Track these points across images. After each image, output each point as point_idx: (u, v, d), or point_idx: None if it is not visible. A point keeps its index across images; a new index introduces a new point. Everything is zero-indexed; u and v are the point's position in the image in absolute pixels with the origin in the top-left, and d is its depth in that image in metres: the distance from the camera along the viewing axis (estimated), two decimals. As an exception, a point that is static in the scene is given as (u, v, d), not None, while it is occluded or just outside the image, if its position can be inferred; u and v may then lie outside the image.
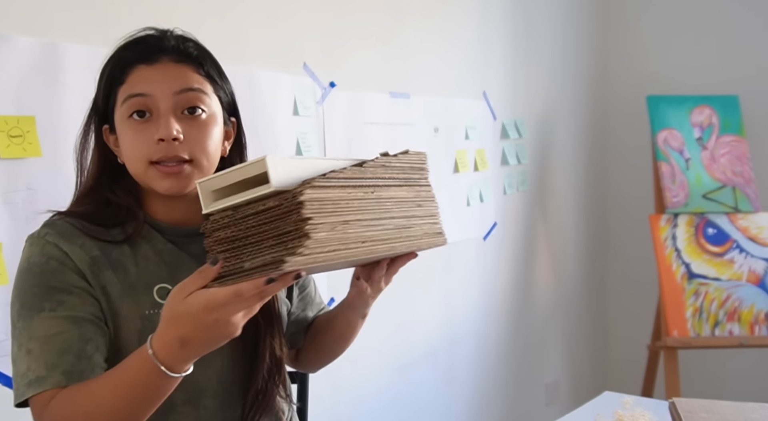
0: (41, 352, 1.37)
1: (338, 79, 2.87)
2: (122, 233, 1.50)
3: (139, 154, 1.47)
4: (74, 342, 1.38)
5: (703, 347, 4.04)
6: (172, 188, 1.48)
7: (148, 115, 1.47)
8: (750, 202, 4.23)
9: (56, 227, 1.46)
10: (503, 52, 3.99)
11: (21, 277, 1.44)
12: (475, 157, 3.70)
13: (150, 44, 1.50)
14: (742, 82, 4.61)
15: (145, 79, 1.47)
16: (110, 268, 1.46)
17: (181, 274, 1.47)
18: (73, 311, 1.40)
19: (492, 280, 3.99)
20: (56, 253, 1.43)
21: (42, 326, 1.38)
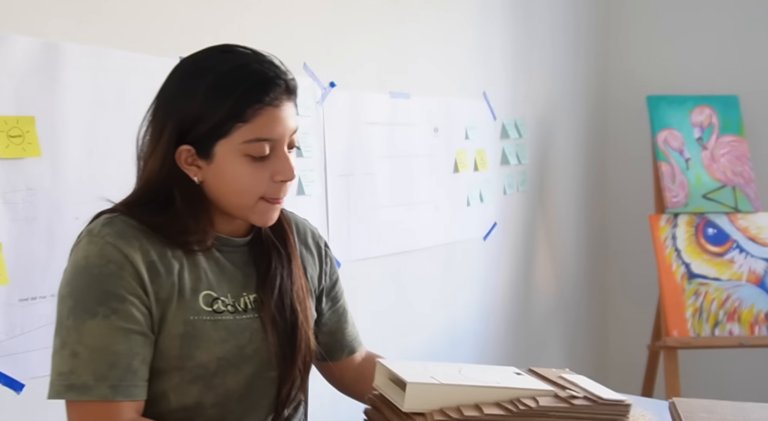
0: (90, 360, 1.39)
1: (338, 79, 2.87)
2: (186, 237, 1.52)
3: (252, 191, 1.50)
4: (124, 356, 1.41)
5: (703, 347, 4.04)
6: (269, 221, 1.56)
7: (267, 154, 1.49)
8: (750, 202, 4.23)
9: (115, 226, 1.46)
10: (503, 52, 3.99)
11: (76, 274, 1.44)
12: (475, 157, 3.70)
13: (275, 84, 1.48)
14: (742, 82, 4.61)
15: (272, 123, 1.47)
16: (164, 272, 1.47)
17: (224, 282, 1.55)
18: (125, 322, 1.41)
19: (492, 280, 3.99)
20: (116, 256, 1.43)
21: (93, 332, 1.40)
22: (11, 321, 1.86)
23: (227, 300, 1.54)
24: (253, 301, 1.58)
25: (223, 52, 1.52)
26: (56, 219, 1.94)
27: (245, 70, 1.48)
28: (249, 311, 1.56)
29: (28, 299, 1.89)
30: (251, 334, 1.55)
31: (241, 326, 1.54)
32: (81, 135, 1.99)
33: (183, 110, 1.48)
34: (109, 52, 2.07)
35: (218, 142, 1.47)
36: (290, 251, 1.65)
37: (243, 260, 1.60)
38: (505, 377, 1.61)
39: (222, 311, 1.52)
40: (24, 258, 1.88)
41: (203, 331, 1.49)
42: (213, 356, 1.49)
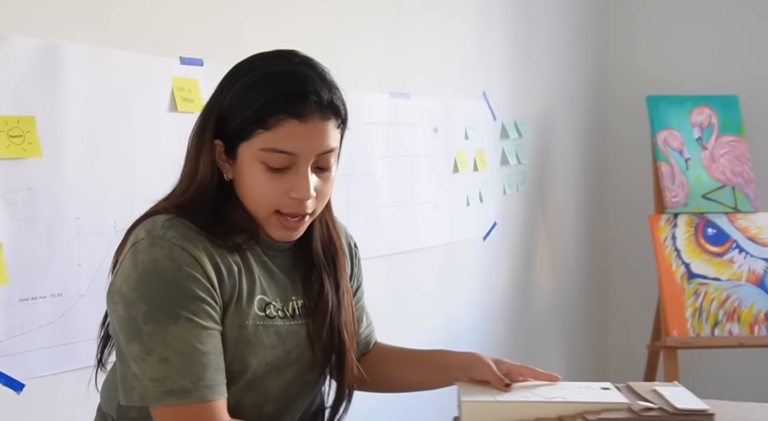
0: (182, 364, 1.38)
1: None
2: (237, 238, 1.50)
3: (267, 202, 1.48)
4: (212, 356, 1.41)
5: (702, 347, 4.04)
6: (287, 238, 1.53)
7: (285, 167, 1.45)
8: (750, 202, 4.23)
9: (178, 228, 1.44)
10: (503, 52, 3.99)
11: (146, 278, 1.40)
12: (475, 157, 3.70)
13: (306, 97, 1.44)
14: (742, 83, 4.61)
15: (294, 137, 1.43)
16: (227, 275, 1.46)
17: (273, 286, 1.55)
18: (207, 322, 1.41)
19: (492, 280, 3.99)
20: (186, 258, 1.41)
21: (179, 336, 1.39)
22: (11, 321, 1.86)
23: (277, 305, 1.54)
24: (301, 307, 1.58)
25: (277, 57, 1.52)
26: (56, 219, 1.94)
27: (282, 77, 1.46)
28: (297, 318, 1.57)
29: (28, 299, 1.89)
30: (298, 340, 1.56)
31: (291, 332, 1.55)
32: (81, 135, 1.99)
33: (221, 104, 1.48)
34: (110, 53, 2.07)
35: (241, 144, 1.46)
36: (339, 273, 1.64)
37: (287, 264, 1.59)
38: (584, 392, 1.62)
39: (274, 316, 1.53)
40: (24, 258, 1.88)
41: (256, 336, 1.49)
42: (263, 360, 1.50)
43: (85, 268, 1.99)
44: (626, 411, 1.53)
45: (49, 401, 1.94)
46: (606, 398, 1.58)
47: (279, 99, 1.43)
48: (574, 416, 1.52)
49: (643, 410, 1.53)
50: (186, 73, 2.26)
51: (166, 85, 2.21)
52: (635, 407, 1.54)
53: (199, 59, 2.30)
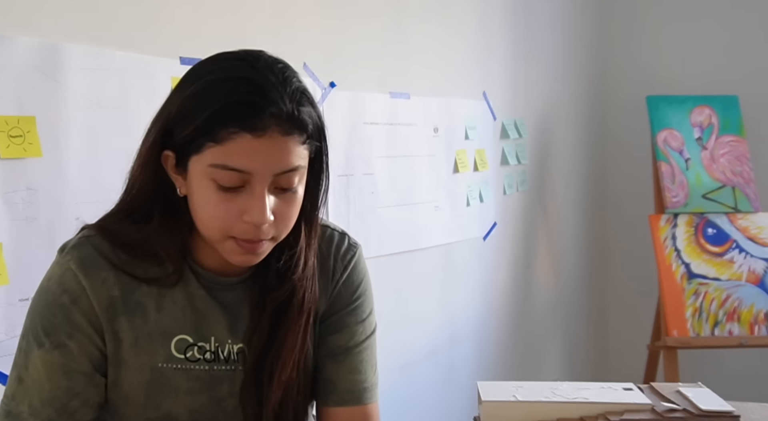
0: (28, 391, 1.33)
1: (338, 79, 2.87)
2: (160, 271, 1.36)
3: (218, 225, 1.30)
4: (60, 396, 1.32)
5: (702, 347, 4.04)
6: (245, 263, 1.34)
7: (238, 187, 1.28)
8: (750, 203, 4.23)
9: (84, 250, 1.34)
10: (503, 52, 3.99)
11: (38, 294, 1.37)
12: (475, 157, 3.70)
13: (260, 108, 1.25)
14: (742, 83, 4.61)
15: (247, 154, 1.25)
16: (127, 312, 1.34)
17: (206, 324, 1.39)
18: (67, 360, 1.32)
19: (492, 280, 3.99)
20: (73, 286, 1.32)
21: (37, 363, 1.33)
22: (11, 321, 1.86)
23: (208, 346, 1.38)
24: (237, 351, 1.40)
25: (238, 59, 1.33)
26: (57, 219, 1.93)
27: (237, 83, 1.27)
28: (231, 362, 1.40)
29: (28, 299, 1.86)
30: (230, 387, 1.40)
31: (218, 378, 1.39)
32: (82, 135, 1.99)
33: (169, 112, 1.31)
34: (110, 52, 2.07)
35: (191, 158, 1.29)
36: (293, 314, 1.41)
37: (236, 300, 1.41)
38: (606, 392, 1.62)
39: (197, 359, 1.37)
40: (24, 258, 1.87)
41: (172, 380, 1.37)
42: (184, 408, 1.37)
43: (86, 268, 1.99)
44: (649, 412, 1.53)
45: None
46: (628, 398, 1.58)
47: (231, 109, 1.24)
48: (596, 417, 1.52)
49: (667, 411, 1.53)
50: (186, 73, 2.26)
51: (166, 85, 2.20)
52: (659, 408, 1.54)
53: (199, 59, 2.29)
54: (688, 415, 1.51)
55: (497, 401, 1.55)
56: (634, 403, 1.55)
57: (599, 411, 1.53)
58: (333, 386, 1.48)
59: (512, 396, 1.56)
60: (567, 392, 1.60)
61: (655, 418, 1.51)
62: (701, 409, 1.53)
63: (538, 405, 1.54)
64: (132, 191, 1.38)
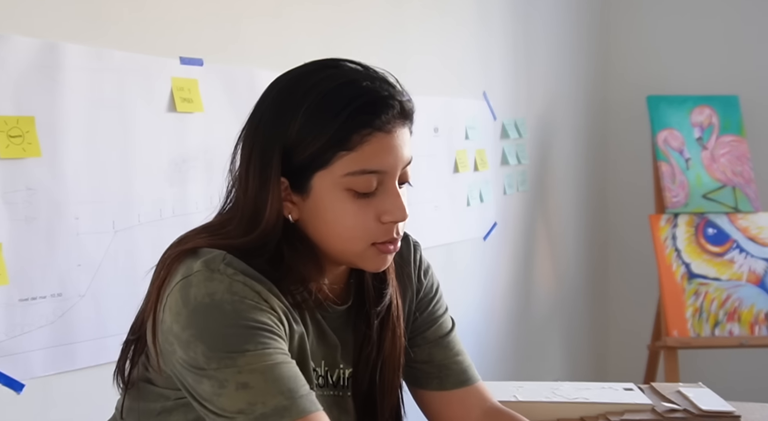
0: (267, 383, 1.19)
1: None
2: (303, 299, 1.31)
3: (360, 234, 1.27)
4: (293, 368, 1.23)
5: (703, 347, 4.04)
6: (381, 267, 1.33)
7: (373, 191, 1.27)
8: (750, 202, 4.23)
9: (239, 265, 1.25)
10: (503, 52, 3.99)
11: (200, 315, 1.21)
12: (475, 157, 3.70)
13: (388, 106, 1.27)
14: (742, 82, 4.61)
15: (383, 153, 1.25)
16: (292, 325, 1.29)
17: (321, 349, 1.35)
18: (281, 350, 1.23)
19: (492, 280, 3.99)
20: (248, 292, 1.22)
21: (252, 362, 1.19)
22: (11, 321, 1.85)
23: (320, 371, 1.36)
24: (348, 377, 1.39)
25: (328, 67, 1.33)
26: (56, 219, 1.93)
27: (353, 88, 1.27)
28: (340, 388, 1.38)
29: (28, 299, 1.88)
30: (340, 414, 1.37)
31: (331, 404, 1.36)
32: (81, 135, 1.99)
33: (285, 134, 1.26)
34: (109, 52, 2.06)
35: (316, 174, 1.26)
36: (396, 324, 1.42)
37: (342, 325, 1.39)
38: (606, 392, 1.62)
39: (311, 382, 1.32)
40: (24, 258, 1.87)
41: None
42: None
43: (85, 268, 1.99)
44: (650, 412, 1.53)
45: (49, 401, 1.94)
46: (629, 398, 1.58)
47: (360, 112, 1.24)
48: (597, 417, 1.52)
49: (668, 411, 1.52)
50: (186, 73, 2.25)
51: (166, 85, 2.20)
52: (659, 408, 1.54)
53: (199, 59, 2.29)
54: (688, 415, 1.51)
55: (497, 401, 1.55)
56: (634, 403, 1.55)
57: (599, 411, 1.53)
58: (446, 371, 1.53)
59: (512, 396, 1.56)
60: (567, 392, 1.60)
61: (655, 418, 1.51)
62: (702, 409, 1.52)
63: (538, 405, 1.54)
64: (260, 222, 1.29)
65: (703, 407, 1.53)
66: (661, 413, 1.52)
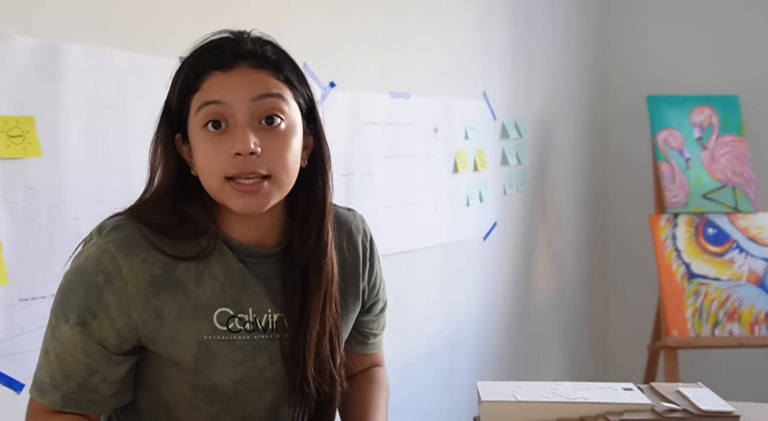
0: (52, 361, 1.39)
1: (338, 79, 2.87)
2: (195, 247, 1.42)
3: (215, 169, 1.37)
4: (79, 370, 1.38)
5: (703, 347, 4.04)
6: (249, 207, 1.39)
7: (224, 125, 1.37)
8: (750, 202, 4.23)
9: (123, 232, 1.39)
10: (503, 51, 3.99)
11: (72, 272, 1.40)
12: (475, 157, 3.70)
13: (226, 49, 1.40)
14: (742, 82, 4.62)
15: (220, 86, 1.37)
16: (169, 289, 1.39)
17: (245, 296, 1.44)
18: (88, 338, 1.37)
19: (492, 280, 3.99)
20: (109, 267, 1.36)
21: (61, 337, 1.38)
22: (11, 321, 1.86)
23: (247, 317, 1.43)
24: (276, 321, 1.46)
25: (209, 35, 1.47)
26: (56, 219, 1.93)
27: (207, 44, 1.43)
28: (269, 331, 1.45)
29: (28, 299, 1.89)
30: (270, 356, 1.46)
31: (259, 347, 1.45)
32: (81, 135, 1.99)
33: (168, 100, 1.46)
34: (110, 52, 2.07)
35: (189, 122, 1.42)
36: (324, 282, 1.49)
37: (270, 272, 1.48)
38: (606, 392, 1.62)
39: (238, 330, 1.43)
40: (24, 258, 1.88)
41: (218, 352, 1.41)
42: (229, 379, 1.43)
43: (85, 268, 1.99)
44: (649, 412, 1.53)
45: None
46: (628, 398, 1.58)
47: (201, 59, 1.40)
48: (596, 417, 1.51)
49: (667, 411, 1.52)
50: (186, 73, 2.25)
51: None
52: (658, 408, 1.54)
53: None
54: (688, 415, 1.51)
55: (497, 401, 1.55)
56: (634, 403, 1.55)
57: (599, 411, 1.53)
58: (366, 339, 1.74)
59: (512, 396, 1.56)
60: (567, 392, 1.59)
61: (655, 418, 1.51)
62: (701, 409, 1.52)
63: (538, 405, 1.54)
64: (154, 181, 1.46)
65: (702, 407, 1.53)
66: (660, 413, 1.52)
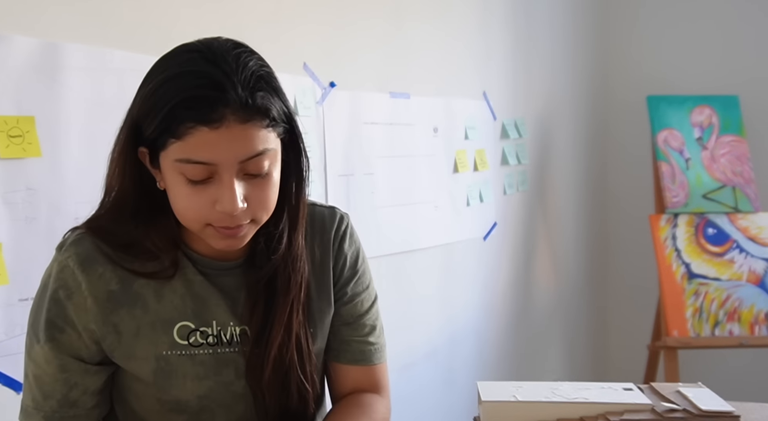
0: (32, 383, 1.40)
1: (338, 79, 2.87)
2: (156, 265, 1.38)
3: (194, 217, 1.31)
4: (58, 387, 1.38)
5: (703, 347, 4.04)
6: (229, 247, 1.34)
7: (207, 178, 1.28)
8: (750, 202, 4.23)
9: (81, 246, 1.37)
10: (503, 52, 3.99)
11: (37, 292, 1.41)
12: (475, 157, 3.70)
13: (212, 102, 1.23)
14: (742, 82, 4.62)
15: (206, 146, 1.24)
16: (127, 304, 1.37)
17: (207, 309, 1.40)
18: (62, 353, 1.37)
19: (492, 280, 3.99)
20: (69, 282, 1.35)
21: (36, 358, 1.39)
22: (11, 321, 1.86)
23: (210, 330, 1.40)
24: (240, 333, 1.42)
25: (185, 52, 1.32)
26: (56, 219, 1.93)
27: (189, 79, 1.26)
28: (234, 344, 1.41)
29: (28, 298, 1.88)
30: (236, 370, 1.42)
31: (223, 361, 1.41)
32: (81, 135, 1.99)
33: (134, 110, 1.32)
34: (109, 52, 2.07)
35: (160, 153, 1.29)
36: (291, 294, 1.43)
37: (235, 283, 1.43)
38: (606, 392, 1.62)
39: (200, 344, 1.39)
40: (24, 258, 1.88)
41: (178, 367, 1.39)
42: (192, 394, 1.40)
43: (85, 268, 1.99)
44: (649, 412, 1.53)
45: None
46: (628, 398, 1.58)
47: (185, 105, 1.23)
48: (596, 417, 1.52)
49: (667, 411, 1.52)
50: (186, 73, 2.25)
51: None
52: (659, 408, 1.54)
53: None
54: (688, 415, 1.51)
55: (497, 401, 1.55)
56: (634, 403, 1.55)
57: (599, 411, 1.53)
58: (347, 346, 1.56)
59: (512, 396, 1.56)
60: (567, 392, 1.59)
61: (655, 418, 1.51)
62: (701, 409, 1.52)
63: (538, 405, 1.54)
64: (112, 193, 1.39)
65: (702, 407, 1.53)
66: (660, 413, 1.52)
